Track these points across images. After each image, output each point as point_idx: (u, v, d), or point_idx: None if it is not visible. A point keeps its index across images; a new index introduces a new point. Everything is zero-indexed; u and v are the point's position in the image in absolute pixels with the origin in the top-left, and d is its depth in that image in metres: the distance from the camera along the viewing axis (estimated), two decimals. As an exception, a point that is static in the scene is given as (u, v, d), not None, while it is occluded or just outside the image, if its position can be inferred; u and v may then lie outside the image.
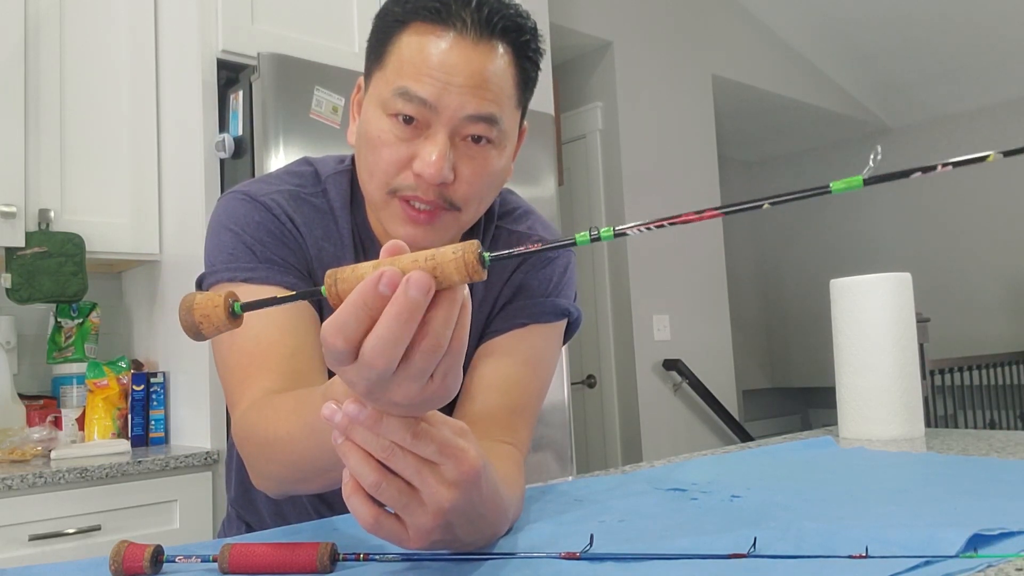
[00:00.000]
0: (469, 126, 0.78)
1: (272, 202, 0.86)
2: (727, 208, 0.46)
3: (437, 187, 0.79)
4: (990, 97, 5.04)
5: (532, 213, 1.00)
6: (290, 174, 0.91)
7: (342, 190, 0.90)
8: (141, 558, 0.59)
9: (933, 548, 0.55)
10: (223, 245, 0.84)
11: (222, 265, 0.83)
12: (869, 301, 1.30)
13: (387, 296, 0.43)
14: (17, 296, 1.97)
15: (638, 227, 0.45)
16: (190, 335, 0.49)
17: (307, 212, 0.87)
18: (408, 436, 0.49)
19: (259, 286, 0.81)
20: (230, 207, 0.86)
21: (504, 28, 0.79)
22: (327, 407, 0.49)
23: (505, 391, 0.87)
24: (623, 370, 3.68)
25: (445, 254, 0.43)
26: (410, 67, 0.77)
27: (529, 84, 0.85)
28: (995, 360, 4.38)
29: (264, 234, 0.84)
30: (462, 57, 0.77)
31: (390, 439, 0.49)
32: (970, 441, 1.22)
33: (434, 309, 0.45)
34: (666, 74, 3.96)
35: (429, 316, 0.44)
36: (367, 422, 0.48)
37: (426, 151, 0.77)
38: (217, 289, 0.82)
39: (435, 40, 0.77)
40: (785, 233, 6.03)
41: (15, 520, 1.62)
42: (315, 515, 0.97)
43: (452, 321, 0.45)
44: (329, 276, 0.47)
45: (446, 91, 0.76)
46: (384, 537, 0.54)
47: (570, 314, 0.96)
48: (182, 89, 2.12)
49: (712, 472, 0.97)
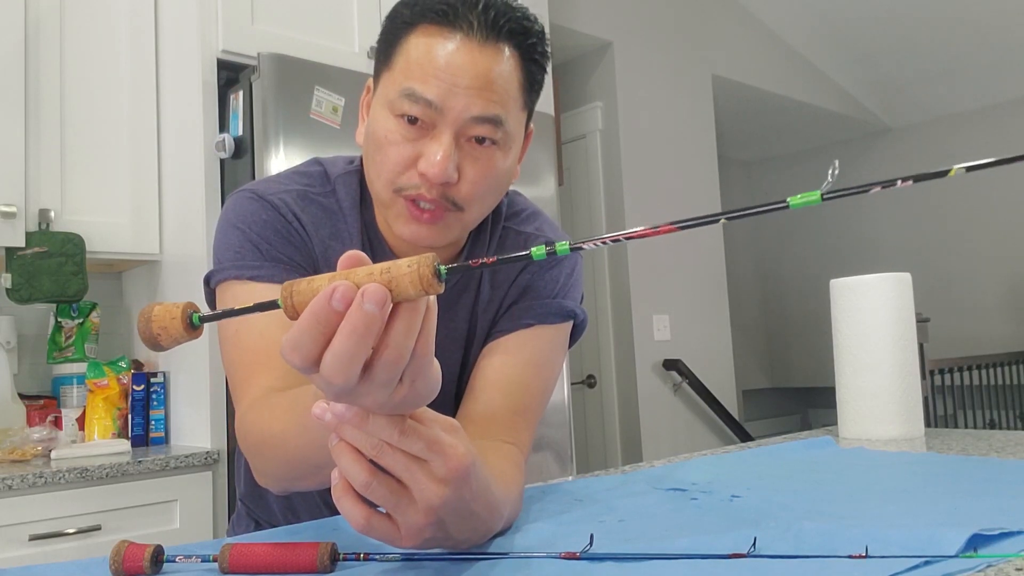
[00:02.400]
0: (474, 127, 0.79)
1: (280, 201, 0.86)
2: (683, 223, 0.46)
3: (441, 187, 0.79)
4: (990, 97, 5.04)
5: (540, 214, 1.00)
6: (299, 174, 0.92)
7: (351, 190, 0.91)
8: (141, 558, 0.59)
9: (933, 548, 0.55)
10: (230, 243, 0.85)
11: (229, 263, 0.84)
12: (869, 301, 1.30)
13: (341, 312, 0.42)
14: (17, 296, 1.97)
15: (594, 241, 0.45)
16: (149, 346, 0.49)
17: (315, 211, 0.88)
18: (396, 433, 0.49)
19: (265, 284, 0.81)
20: (238, 206, 0.87)
21: (511, 31, 0.80)
22: (317, 406, 0.49)
23: (508, 391, 0.87)
24: (623, 370, 3.68)
25: (400, 267, 0.42)
26: (417, 68, 0.78)
27: (535, 87, 0.85)
28: (995, 360, 4.38)
29: (271, 232, 0.84)
30: (468, 59, 0.77)
31: (378, 437, 0.49)
32: (970, 441, 1.22)
33: (394, 320, 0.44)
34: (666, 74, 3.96)
35: (389, 327, 0.44)
36: (354, 420, 0.48)
37: (431, 151, 0.78)
38: (225, 287, 0.84)
39: (442, 42, 0.78)
40: (785, 233, 6.03)
41: (15, 520, 1.62)
42: (326, 509, 0.97)
43: (414, 332, 0.44)
44: (285, 288, 0.45)
45: (452, 92, 0.77)
46: (377, 538, 0.54)
47: (576, 316, 0.96)
48: (182, 89, 2.12)
49: (712, 472, 0.97)
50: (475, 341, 0.94)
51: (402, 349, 0.44)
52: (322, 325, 0.43)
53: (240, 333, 0.80)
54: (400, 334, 0.44)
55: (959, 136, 5.25)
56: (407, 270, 0.42)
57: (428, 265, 0.42)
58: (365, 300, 0.42)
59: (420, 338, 0.45)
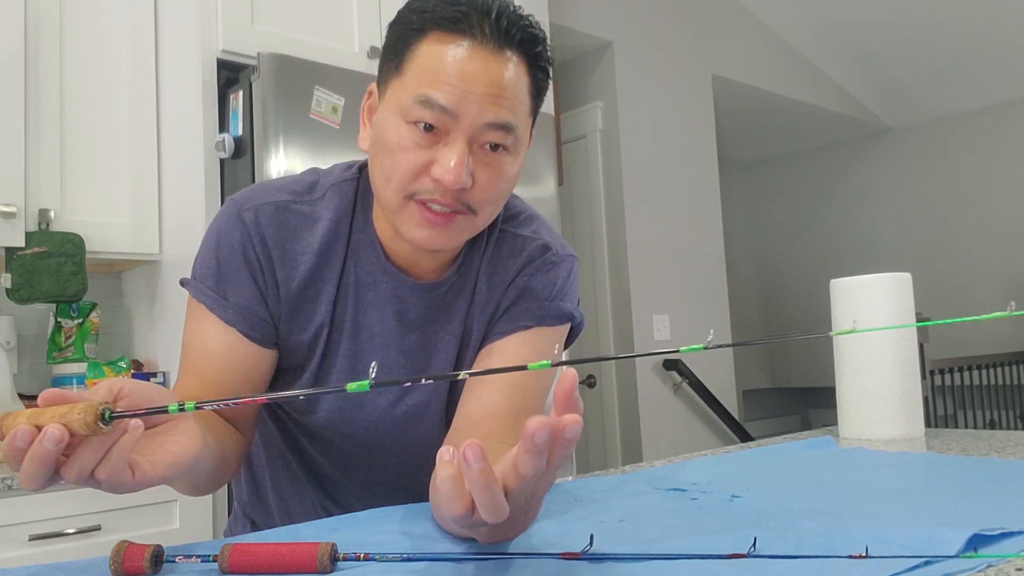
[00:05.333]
0: (487, 133, 0.80)
1: (252, 221, 0.88)
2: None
3: (455, 192, 0.80)
4: (990, 97, 5.04)
5: (537, 217, 1.01)
6: (292, 181, 0.93)
7: (342, 199, 0.91)
8: (141, 558, 0.59)
9: (933, 548, 0.56)
10: (203, 259, 0.90)
11: (196, 280, 0.89)
12: (869, 301, 1.30)
13: (24, 448, 0.54)
14: (17, 296, 1.97)
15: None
16: None
17: (293, 223, 0.89)
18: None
19: (214, 316, 0.87)
20: (221, 218, 0.90)
21: (521, 39, 0.80)
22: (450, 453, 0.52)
23: (508, 393, 0.88)
24: (623, 370, 3.68)
25: (72, 413, 0.54)
26: (430, 75, 0.78)
27: (540, 93, 0.86)
28: (995, 360, 4.38)
29: (234, 259, 0.88)
30: (481, 66, 0.78)
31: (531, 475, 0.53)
32: (970, 441, 1.22)
33: (81, 448, 0.56)
34: (666, 74, 3.96)
35: (77, 454, 0.56)
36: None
37: (445, 158, 0.78)
38: (190, 299, 0.90)
39: (454, 48, 0.78)
40: (785, 233, 6.03)
41: (15, 520, 1.62)
42: (323, 512, 0.99)
43: (98, 455, 0.56)
44: (4, 418, 0.57)
45: (466, 99, 0.77)
46: (465, 527, 0.57)
47: (573, 318, 0.97)
48: (182, 89, 2.12)
49: (712, 472, 0.97)
50: (471, 341, 0.95)
51: (85, 467, 0.56)
52: (13, 453, 0.55)
53: (191, 338, 0.89)
54: (85, 458, 0.56)
55: (959, 136, 5.25)
56: (77, 416, 0.53)
57: (92, 413, 0.53)
58: (45, 439, 0.53)
59: (111, 453, 0.56)
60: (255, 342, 0.88)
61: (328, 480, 0.99)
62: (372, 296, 0.91)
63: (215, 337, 0.87)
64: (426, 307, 0.92)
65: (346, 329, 0.90)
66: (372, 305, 0.91)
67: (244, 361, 0.88)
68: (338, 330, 0.91)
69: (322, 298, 0.89)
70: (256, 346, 0.88)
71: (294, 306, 0.89)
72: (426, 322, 0.93)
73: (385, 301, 0.91)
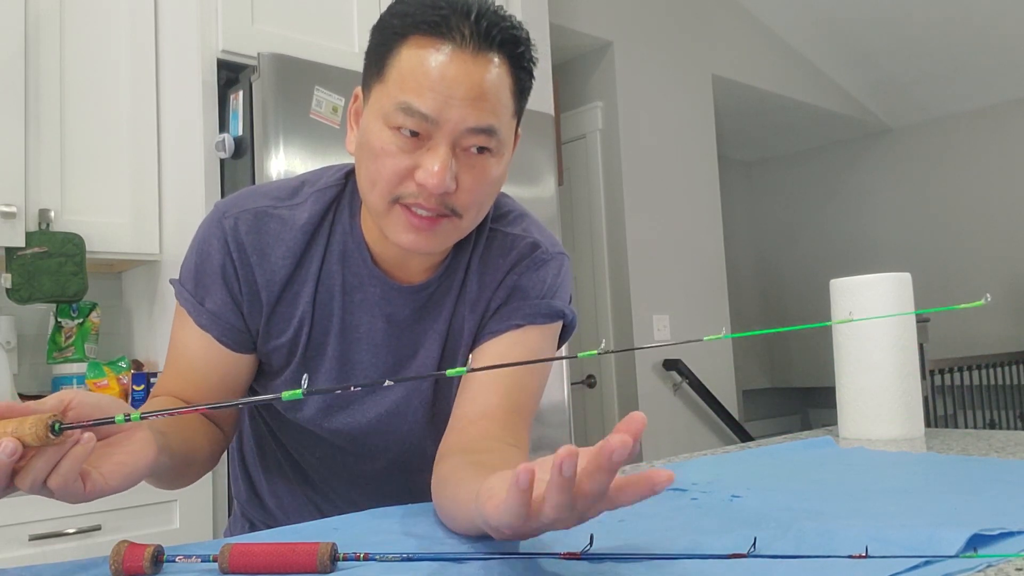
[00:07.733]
0: (470, 137, 0.80)
1: (231, 227, 0.89)
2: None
3: (439, 196, 0.80)
4: (990, 97, 5.04)
5: (527, 216, 1.01)
6: (277, 186, 0.94)
7: (322, 203, 0.91)
8: (141, 558, 0.59)
9: (933, 548, 0.56)
10: (188, 263, 0.92)
11: (180, 280, 0.92)
12: (869, 301, 1.30)
13: None
14: (17, 296, 1.97)
15: None
16: None
17: (272, 229, 0.89)
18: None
19: (191, 321, 0.90)
20: (206, 222, 0.92)
21: (502, 41, 0.80)
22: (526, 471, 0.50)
23: (504, 392, 0.88)
24: (623, 370, 3.68)
25: (23, 426, 0.56)
26: (411, 81, 0.78)
27: (524, 93, 0.86)
28: (995, 360, 4.38)
29: (212, 266, 0.90)
30: (462, 70, 0.78)
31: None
32: (970, 441, 1.22)
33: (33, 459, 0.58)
34: (666, 74, 3.96)
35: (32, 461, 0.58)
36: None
37: (429, 162, 0.78)
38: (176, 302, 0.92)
39: (435, 53, 0.78)
40: (785, 233, 6.03)
41: (15, 520, 1.62)
42: (317, 513, 1.00)
43: (50, 464, 0.58)
44: None
45: (448, 105, 0.77)
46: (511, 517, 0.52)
47: (565, 316, 0.97)
48: (182, 89, 2.12)
49: (712, 472, 0.97)
50: (460, 340, 0.95)
51: (38, 474, 0.58)
52: None
53: (175, 337, 0.92)
54: (37, 469, 0.58)
55: (959, 136, 5.25)
56: (28, 430, 0.56)
57: (43, 426, 0.56)
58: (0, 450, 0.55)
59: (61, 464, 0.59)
60: (229, 348, 0.90)
61: (316, 476, 1.01)
62: (360, 298, 0.91)
63: (194, 339, 0.90)
64: (413, 308, 0.93)
65: (333, 330, 0.91)
66: (360, 307, 0.92)
67: (219, 364, 0.91)
68: (324, 331, 0.91)
69: (300, 300, 0.90)
70: (230, 351, 0.90)
71: (273, 309, 0.90)
72: (414, 322, 0.93)
73: (373, 303, 0.91)
